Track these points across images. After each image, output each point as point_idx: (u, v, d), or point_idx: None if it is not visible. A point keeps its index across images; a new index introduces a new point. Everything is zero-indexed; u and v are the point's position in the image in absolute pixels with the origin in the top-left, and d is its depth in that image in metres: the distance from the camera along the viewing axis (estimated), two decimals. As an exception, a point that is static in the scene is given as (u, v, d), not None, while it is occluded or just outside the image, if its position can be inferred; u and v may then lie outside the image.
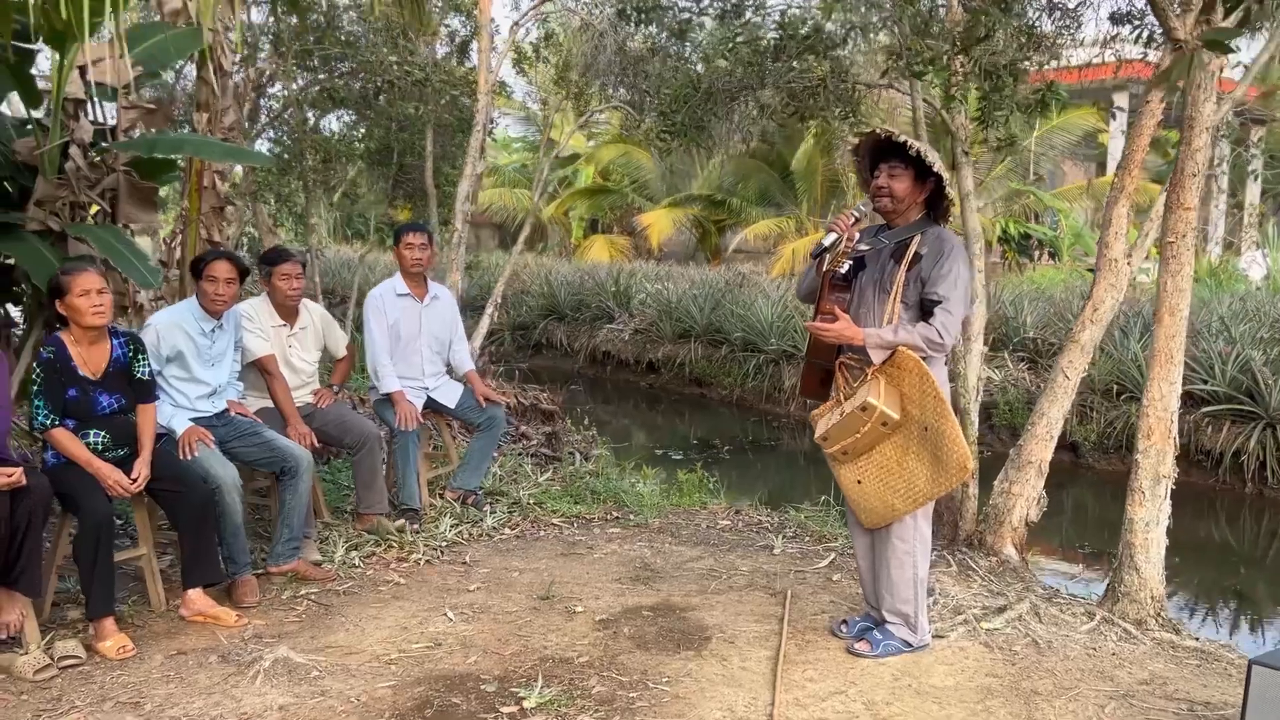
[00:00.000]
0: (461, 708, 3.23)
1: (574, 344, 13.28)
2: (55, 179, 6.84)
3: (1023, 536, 4.80)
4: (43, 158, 6.73)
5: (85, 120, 7.10)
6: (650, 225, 21.53)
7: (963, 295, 3.49)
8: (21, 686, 3.34)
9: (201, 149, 7.62)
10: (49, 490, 3.57)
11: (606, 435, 9.65)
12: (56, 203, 6.85)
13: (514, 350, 13.93)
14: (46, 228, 6.80)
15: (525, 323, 13.98)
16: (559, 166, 26.28)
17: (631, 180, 24.28)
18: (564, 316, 13.67)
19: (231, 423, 4.41)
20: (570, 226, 26.28)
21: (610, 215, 25.75)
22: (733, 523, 5.48)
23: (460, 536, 4.99)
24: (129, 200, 7.49)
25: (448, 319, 5.46)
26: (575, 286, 14.01)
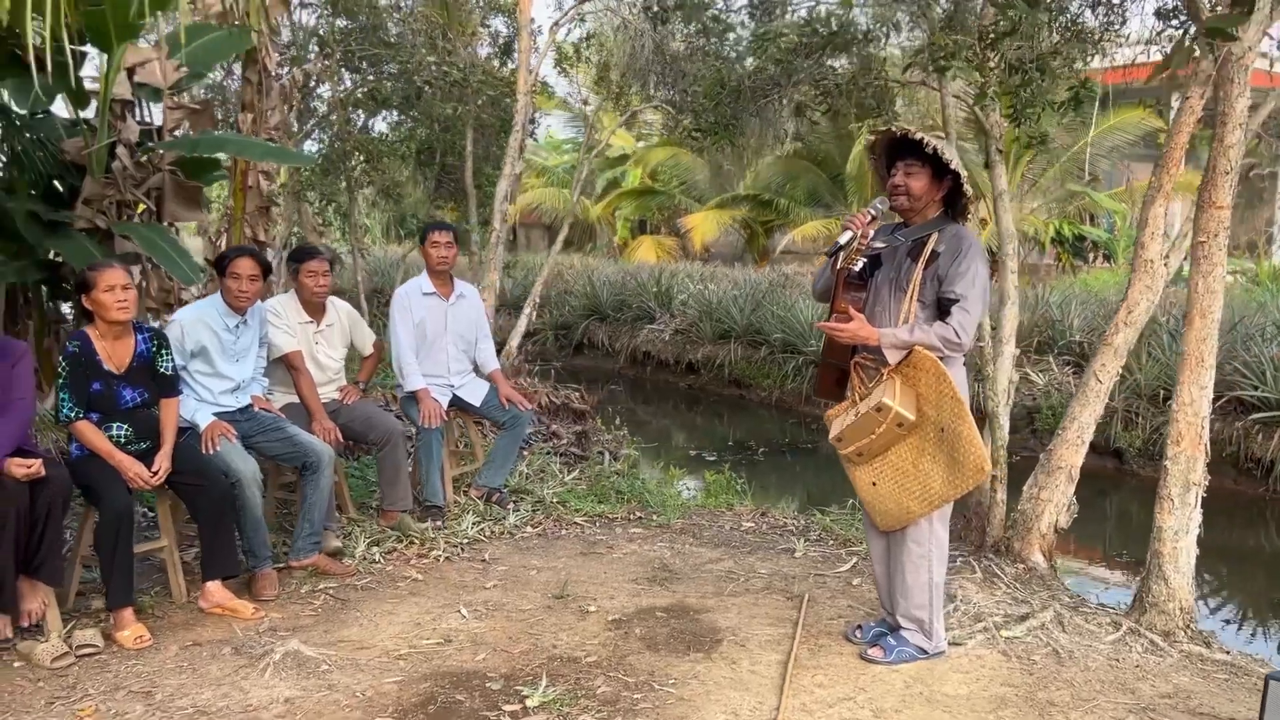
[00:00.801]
0: (465, 705, 3.23)
1: (615, 344, 13.27)
2: (102, 178, 7.01)
3: (1051, 543, 4.68)
4: (90, 157, 6.91)
5: (132, 120, 7.27)
6: (694, 227, 21.49)
7: (981, 294, 3.42)
8: (39, 674, 3.41)
9: (243, 149, 7.76)
10: (69, 481, 3.64)
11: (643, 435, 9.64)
12: (103, 201, 7.03)
13: (555, 350, 13.97)
14: (94, 226, 6.97)
15: (567, 322, 14.01)
16: (607, 167, 26.37)
17: (679, 181, 24.25)
18: (605, 316, 13.67)
19: (255, 418, 4.47)
20: (617, 227, 26.31)
21: (658, 216, 25.75)
22: (757, 525, 5.42)
23: (482, 534, 5.01)
24: (174, 199, 7.66)
25: (473, 318, 5.47)
26: (617, 287, 14.00)
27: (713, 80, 5.74)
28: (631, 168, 25.61)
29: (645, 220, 26.57)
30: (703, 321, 12.12)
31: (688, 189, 24.20)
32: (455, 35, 8.95)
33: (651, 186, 24.95)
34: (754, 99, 5.61)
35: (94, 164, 6.83)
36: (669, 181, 24.47)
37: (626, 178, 25.74)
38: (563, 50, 9.93)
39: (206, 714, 3.14)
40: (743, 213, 22.42)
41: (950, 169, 3.42)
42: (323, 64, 9.79)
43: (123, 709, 3.16)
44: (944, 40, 3.91)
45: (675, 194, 24.28)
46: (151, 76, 7.42)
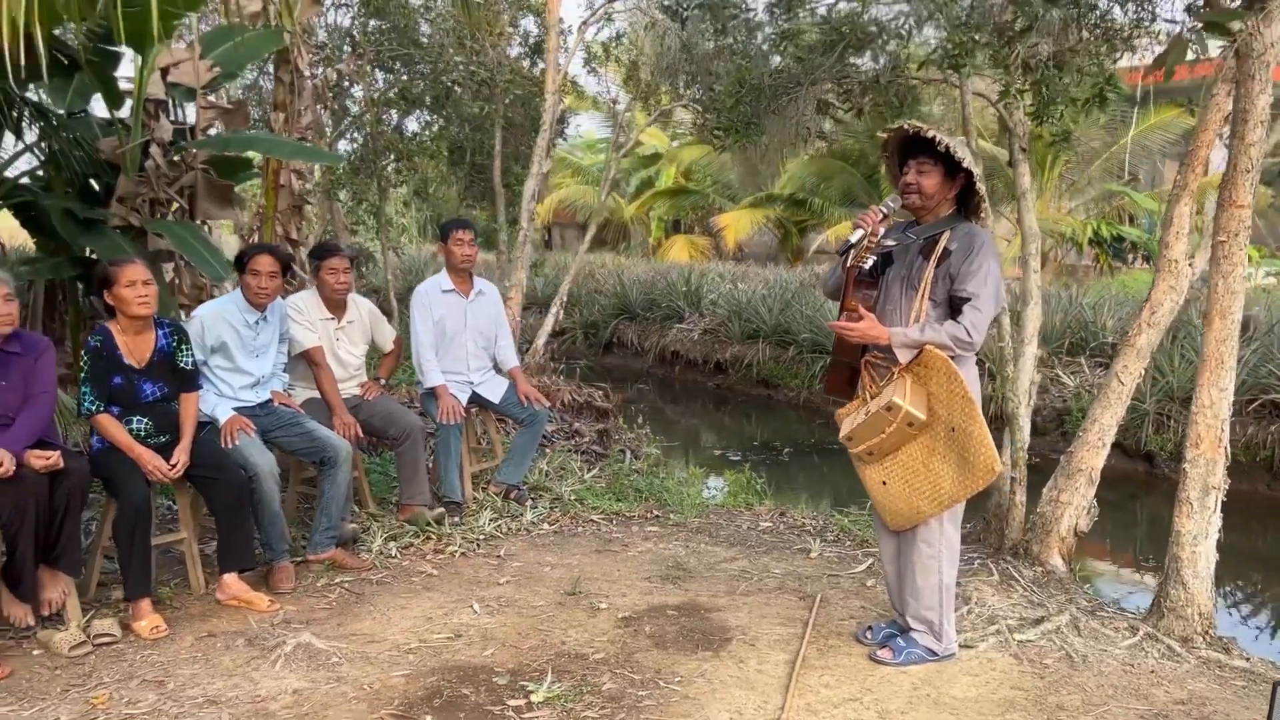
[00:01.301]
0: (470, 699, 3.25)
1: (644, 343, 13.27)
2: (136, 176, 7.14)
3: (1071, 547, 4.62)
4: (125, 156, 7.03)
5: (165, 120, 7.38)
6: (727, 226, 21.44)
7: (993, 293, 3.38)
8: (57, 661, 3.48)
9: (273, 147, 7.86)
10: (87, 473, 3.71)
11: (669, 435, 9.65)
12: (137, 199, 7.15)
13: (585, 349, 14.00)
14: (127, 223, 7.10)
15: (597, 321, 14.02)
16: (641, 167, 26.40)
17: (713, 180, 24.22)
18: (635, 316, 13.67)
19: (274, 412, 4.52)
20: (651, 227, 26.33)
21: (691, 216, 25.73)
22: (774, 525, 5.40)
23: (498, 530, 5.03)
24: (206, 197, 7.78)
25: (493, 315, 5.50)
26: (647, 286, 14.00)
27: (733, 79, 5.72)
28: (665, 167, 25.60)
29: (679, 220, 26.56)
30: (731, 321, 12.09)
31: (721, 188, 24.16)
32: (484, 35, 8.99)
33: (685, 186, 24.94)
34: (775, 97, 5.58)
35: (128, 163, 6.96)
36: (702, 181, 24.45)
37: (660, 177, 25.72)
38: (592, 50, 9.95)
39: (216, 703, 3.18)
40: (776, 212, 22.34)
41: (963, 167, 3.39)
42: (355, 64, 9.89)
43: (136, 697, 3.22)
44: (959, 37, 3.87)
45: (709, 193, 24.26)
46: (185, 76, 7.54)
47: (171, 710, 3.13)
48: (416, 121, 11.09)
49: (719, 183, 24.23)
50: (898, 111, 5.72)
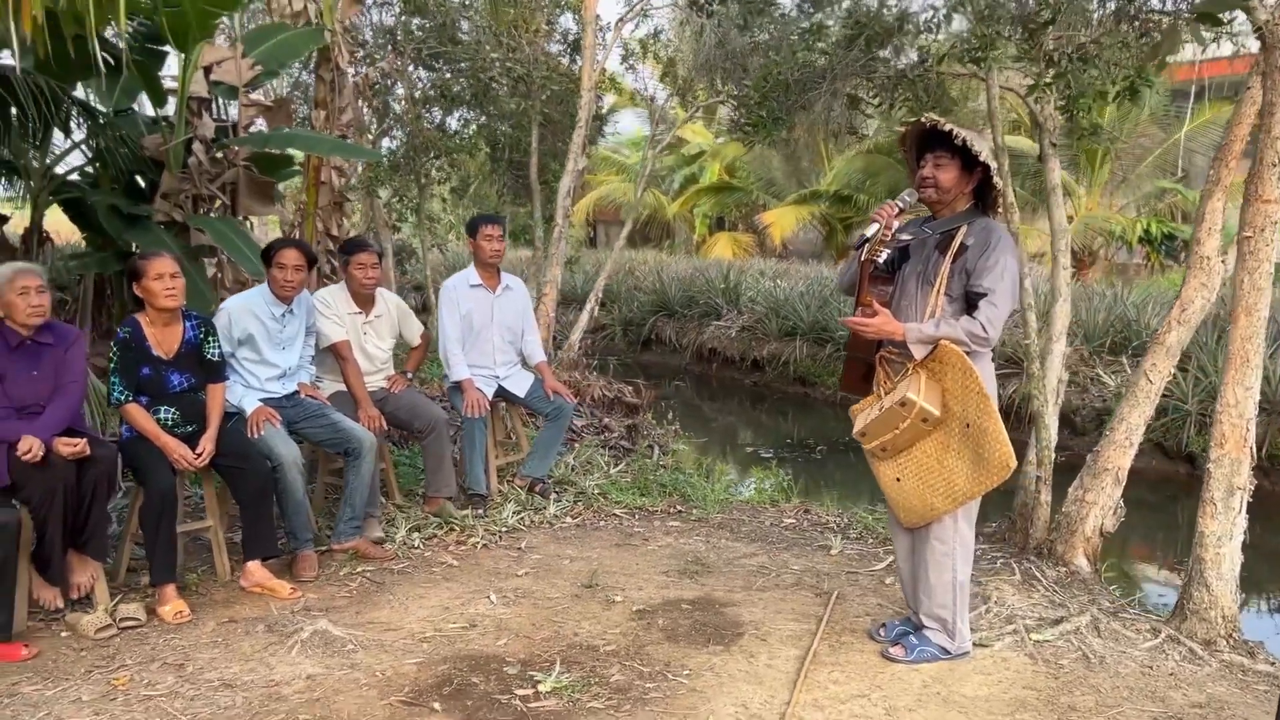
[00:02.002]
0: (479, 687, 3.29)
1: (682, 340, 13.27)
2: (179, 173, 7.30)
3: (1096, 547, 4.55)
4: (168, 153, 7.19)
5: (207, 117, 7.54)
6: (772, 223, 21.34)
7: (1010, 288, 3.35)
8: (83, 643, 3.58)
9: (312, 144, 7.99)
10: (114, 460, 3.81)
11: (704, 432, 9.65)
12: (180, 195, 7.31)
13: (624, 345, 14.03)
14: (171, 219, 7.26)
15: (635, 318, 14.04)
16: (684, 164, 26.37)
17: (758, 177, 24.12)
18: (673, 313, 13.67)
19: (301, 404, 4.60)
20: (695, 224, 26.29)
21: (735, 213, 25.65)
22: (798, 522, 5.38)
23: (521, 523, 5.07)
24: (248, 194, 7.93)
25: (520, 309, 5.55)
26: (686, 283, 13.99)
27: (760, 74, 5.71)
28: (709, 164, 25.54)
29: (723, 217, 26.49)
30: (769, 318, 12.04)
31: (766, 185, 24.06)
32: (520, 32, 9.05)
33: (729, 183, 24.87)
34: (802, 92, 5.56)
35: (171, 160, 7.12)
36: (747, 178, 24.36)
37: (704, 174, 25.67)
38: (629, 46, 9.97)
39: (232, 687, 3.25)
40: (822, 209, 22.19)
41: (980, 161, 3.35)
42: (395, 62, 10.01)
43: (155, 679, 3.30)
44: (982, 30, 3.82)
45: (753, 190, 24.17)
46: (228, 75, 7.69)
47: (188, 693, 3.20)
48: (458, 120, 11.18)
49: (763, 179, 24.12)
50: (928, 106, 5.67)
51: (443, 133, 10.59)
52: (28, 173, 7.11)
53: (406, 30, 9.75)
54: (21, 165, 7.12)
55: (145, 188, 7.48)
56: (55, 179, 7.28)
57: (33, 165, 7.11)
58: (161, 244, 6.82)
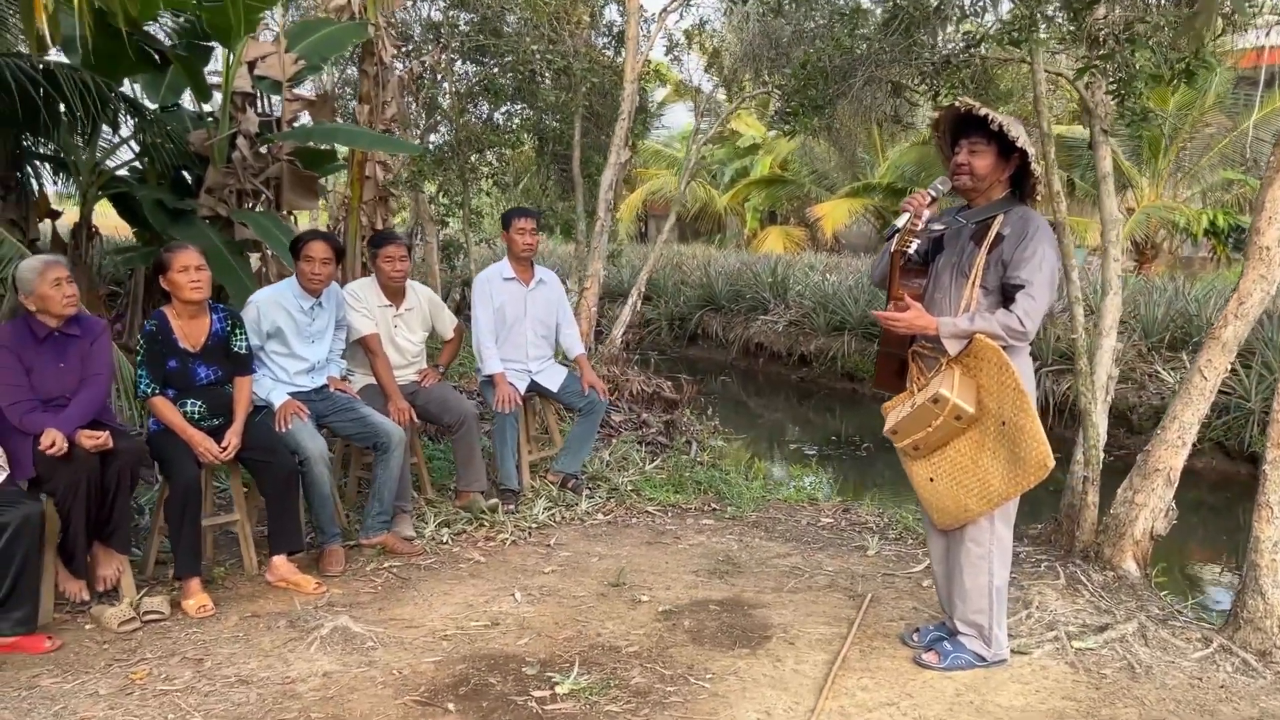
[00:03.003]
0: (496, 688, 3.22)
1: (728, 335, 13.12)
2: (224, 168, 7.35)
3: (1146, 551, 4.36)
4: (213, 148, 7.25)
5: (251, 112, 7.58)
6: (824, 216, 21.06)
7: (1048, 280, 3.19)
8: (106, 636, 3.58)
9: (353, 138, 8.00)
10: (138, 453, 3.80)
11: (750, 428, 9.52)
12: (225, 190, 7.37)
13: (670, 340, 13.93)
14: (215, 214, 7.32)
15: (682, 313, 13.93)
16: (736, 157, 26.16)
17: (810, 170, 23.84)
18: (720, 307, 13.53)
19: (330, 398, 4.58)
20: (746, 218, 26.07)
21: (787, 206, 25.39)
22: (836, 521, 5.25)
23: (552, 519, 5.01)
24: (292, 188, 7.97)
25: (554, 303, 5.48)
26: (733, 277, 13.84)
27: (799, 61, 5.57)
28: (761, 156, 25.30)
29: (775, 210, 26.23)
30: (817, 313, 11.86)
31: (818, 178, 23.77)
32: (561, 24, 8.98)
33: (781, 175, 24.62)
34: (841, 79, 5.41)
35: (216, 155, 7.17)
36: (799, 170, 24.09)
37: (756, 167, 25.44)
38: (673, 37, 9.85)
39: (248, 683, 3.22)
40: (875, 201, 21.86)
41: (1017, 147, 3.20)
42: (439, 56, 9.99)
43: (173, 674, 3.28)
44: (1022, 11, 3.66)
45: (805, 183, 23.89)
46: (271, 70, 7.73)
47: (204, 688, 3.18)
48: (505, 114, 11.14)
49: (816, 172, 23.83)
50: (973, 94, 5.50)
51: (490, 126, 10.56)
52: (77, 168, 7.21)
53: (451, 24, 9.73)
54: (71, 161, 7.22)
55: (191, 183, 7.55)
56: (104, 174, 7.37)
57: (82, 161, 7.20)
58: (205, 238, 6.88)
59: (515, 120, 10.37)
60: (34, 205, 7.23)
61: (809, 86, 5.54)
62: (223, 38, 7.01)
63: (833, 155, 22.61)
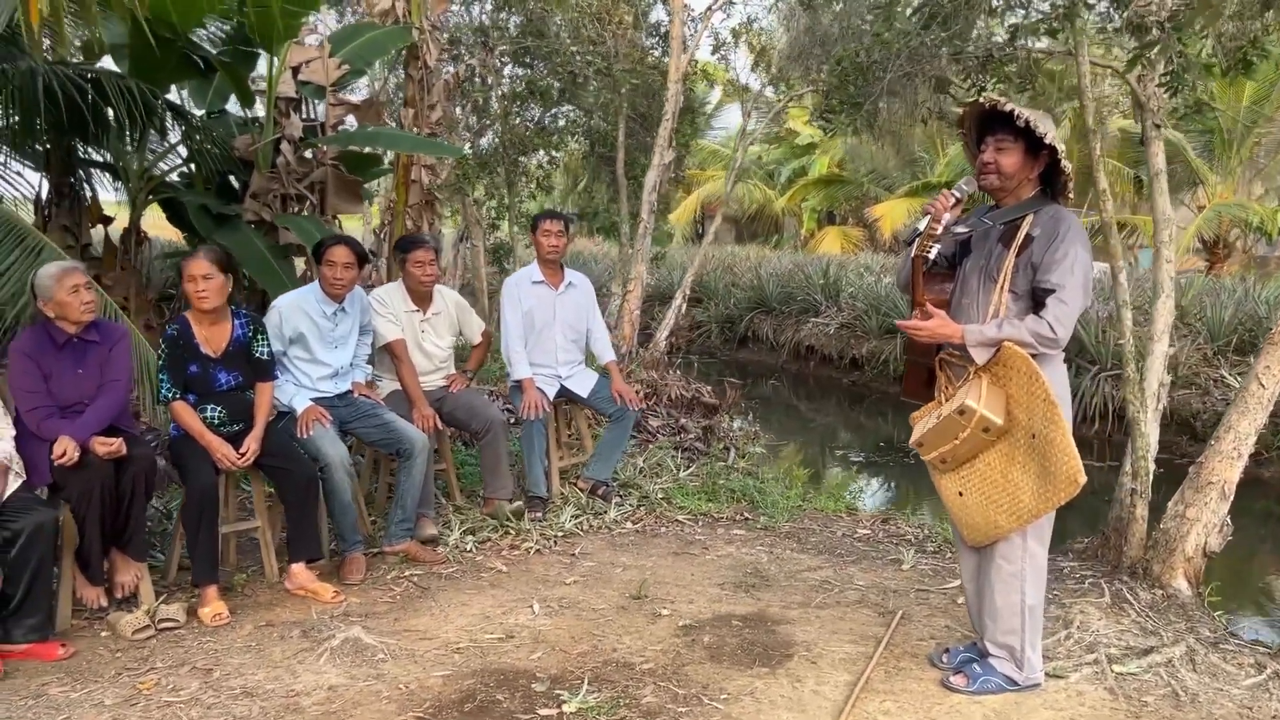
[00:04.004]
0: (503, 705, 3.13)
1: (779, 337, 12.92)
2: (268, 173, 7.40)
3: (1199, 568, 4.13)
4: (257, 153, 7.30)
5: (295, 117, 7.62)
6: (882, 216, 20.71)
7: (1080, 283, 3.01)
8: (120, 644, 3.57)
9: (394, 142, 8.01)
10: (153, 460, 3.79)
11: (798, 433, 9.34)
12: (269, 195, 7.41)
13: (720, 343, 13.76)
14: (260, 218, 7.37)
15: (732, 315, 13.75)
16: (793, 157, 25.88)
17: (868, 169, 23.47)
18: (771, 309, 13.33)
19: (353, 404, 4.54)
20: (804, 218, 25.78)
21: (845, 206, 25.03)
22: (873, 533, 5.07)
23: (578, 527, 4.92)
24: (336, 193, 8.00)
25: (583, 307, 5.39)
26: (784, 279, 13.62)
27: (837, 57, 5.41)
28: (819, 156, 24.99)
29: (833, 211, 25.89)
30: (869, 315, 11.60)
31: (876, 177, 23.40)
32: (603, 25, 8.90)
33: (839, 175, 24.29)
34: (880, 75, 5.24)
35: (260, 160, 7.22)
36: (857, 170, 23.73)
37: (813, 167, 25.14)
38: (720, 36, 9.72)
39: (252, 695, 3.18)
40: (935, 201, 21.39)
41: (1045, 143, 3.03)
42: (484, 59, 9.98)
43: (181, 684, 3.25)
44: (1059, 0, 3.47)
45: (864, 182, 23.54)
46: (315, 74, 7.77)
47: (208, 700, 3.14)
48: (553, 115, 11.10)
49: (874, 171, 23.46)
50: (1020, 88, 5.29)
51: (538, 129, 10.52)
52: (127, 174, 7.30)
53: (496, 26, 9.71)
54: (121, 167, 7.31)
55: (237, 188, 7.62)
56: (153, 180, 7.46)
57: (131, 167, 7.29)
58: (249, 243, 6.94)
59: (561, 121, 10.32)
60: (86, 211, 7.33)
61: (847, 83, 5.38)
62: (265, 43, 7.05)
63: (890, 154, 22.22)
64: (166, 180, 7.65)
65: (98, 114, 6.06)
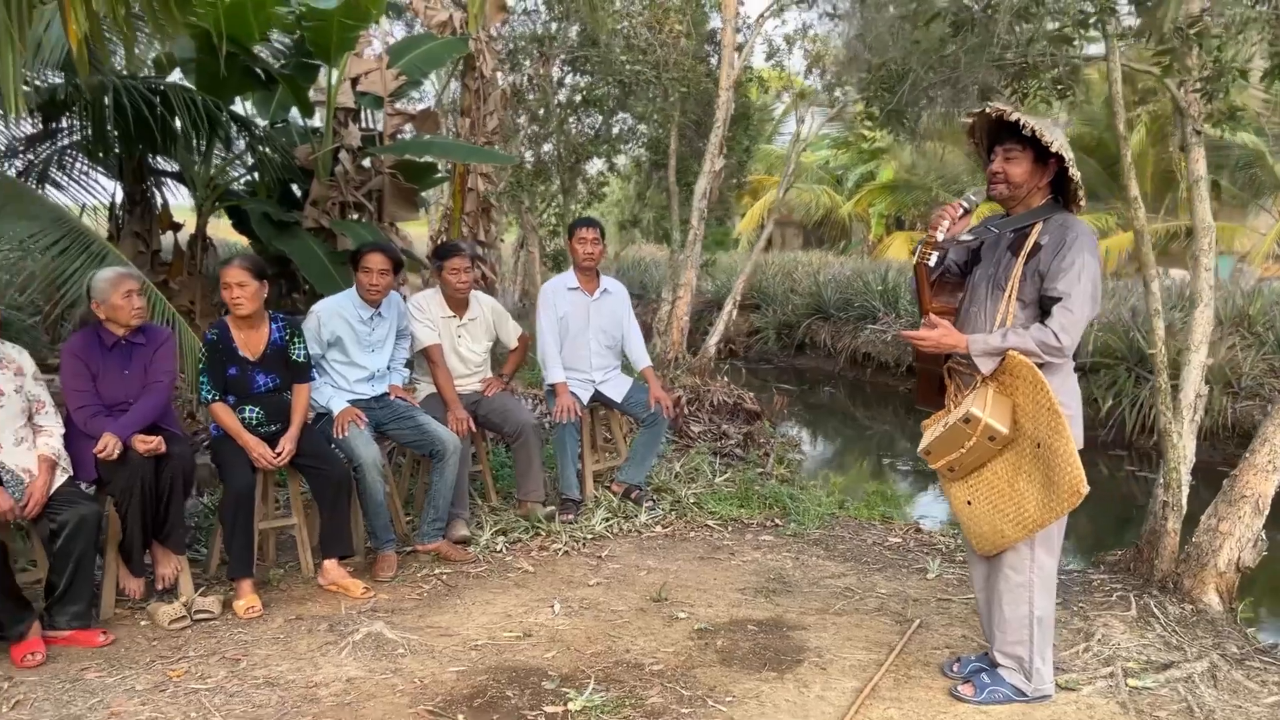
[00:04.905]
0: (510, 701, 3.22)
1: (836, 344, 12.84)
2: (327, 181, 7.63)
3: (1231, 584, 4.04)
4: (317, 162, 7.53)
5: (354, 127, 7.86)
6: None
7: (1088, 291, 2.99)
8: (157, 633, 3.74)
9: (447, 151, 8.21)
10: (191, 458, 3.97)
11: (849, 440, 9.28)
12: (328, 202, 7.65)
13: (777, 349, 13.72)
14: (319, 225, 7.60)
15: (790, 321, 13.70)
16: (861, 161, 25.64)
17: (938, 174, 23.15)
18: (829, 316, 13.25)
19: (389, 406, 4.68)
20: (872, 224, 25.53)
21: (914, 211, 24.71)
22: (904, 541, 5.05)
23: (608, 530, 4.99)
24: (393, 200, 8.23)
25: (618, 313, 5.46)
26: (843, 285, 13.53)
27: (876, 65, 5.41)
28: (887, 161, 24.73)
29: (901, 216, 25.59)
30: (928, 322, 11.44)
31: (945, 182, 23.04)
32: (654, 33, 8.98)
33: (908, 179, 23.99)
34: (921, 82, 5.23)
35: (320, 168, 7.46)
36: (926, 174, 23.43)
37: (881, 171, 24.88)
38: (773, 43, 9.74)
39: (274, 685, 3.31)
40: (1007, 206, 21.00)
41: (1052, 152, 3.02)
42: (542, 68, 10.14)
43: (209, 673, 3.40)
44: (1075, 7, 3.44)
45: (933, 187, 23.22)
46: (374, 85, 8.01)
47: (232, 688, 3.28)
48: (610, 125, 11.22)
49: (943, 176, 23.12)
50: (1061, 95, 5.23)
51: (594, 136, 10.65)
52: (194, 182, 7.59)
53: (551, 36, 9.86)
54: (189, 176, 7.61)
55: (299, 195, 7.88)
56: (219, 188, 7.75)
57: (198, 176, 7.58)
58: (307, 249, 7.17)
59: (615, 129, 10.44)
60: (157, 218, 7.65)
61: (886, 90, 5.38)
62: (324, 55, 7.28)
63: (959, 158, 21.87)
64: (232, 188, 7.94)
65: (165, 125, 6.33)
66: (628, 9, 8.96)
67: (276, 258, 7.41)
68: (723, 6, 8.84)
